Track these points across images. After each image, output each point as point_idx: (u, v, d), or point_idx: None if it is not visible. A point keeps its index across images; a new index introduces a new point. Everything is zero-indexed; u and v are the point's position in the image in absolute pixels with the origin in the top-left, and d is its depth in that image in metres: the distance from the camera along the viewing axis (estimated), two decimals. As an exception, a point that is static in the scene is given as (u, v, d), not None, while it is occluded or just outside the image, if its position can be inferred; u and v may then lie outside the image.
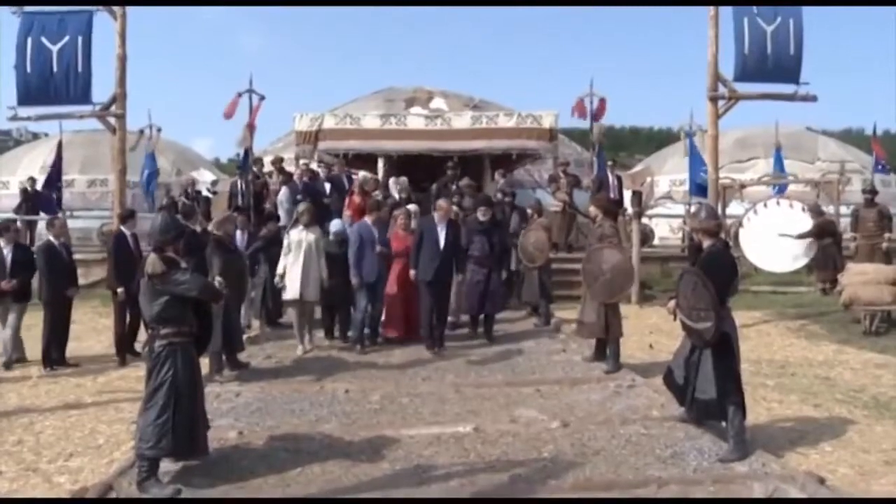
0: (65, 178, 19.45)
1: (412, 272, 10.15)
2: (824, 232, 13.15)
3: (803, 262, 12.56)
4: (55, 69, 12.80)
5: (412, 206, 12.16)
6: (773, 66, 13.57)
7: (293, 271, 9.98)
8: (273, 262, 10.70)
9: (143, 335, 7.53)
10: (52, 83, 12.83)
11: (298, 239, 10.07)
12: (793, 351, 10.12)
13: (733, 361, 6.05)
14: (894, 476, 5.56)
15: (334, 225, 10.89)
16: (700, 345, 6.11)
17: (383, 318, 10.76)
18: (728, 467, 5.63)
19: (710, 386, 6.02)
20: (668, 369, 6.74)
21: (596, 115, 19.13)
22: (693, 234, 6.71)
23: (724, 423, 6.08)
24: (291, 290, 10.01)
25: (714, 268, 6.04)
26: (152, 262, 5.43)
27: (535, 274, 11.98)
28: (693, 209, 10.12)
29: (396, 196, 13.88)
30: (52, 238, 9.93)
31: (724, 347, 5.99)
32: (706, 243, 6.27)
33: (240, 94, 15.96)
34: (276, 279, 10.20)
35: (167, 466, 5.55)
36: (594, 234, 9.22)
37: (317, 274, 10.07)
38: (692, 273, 6.14)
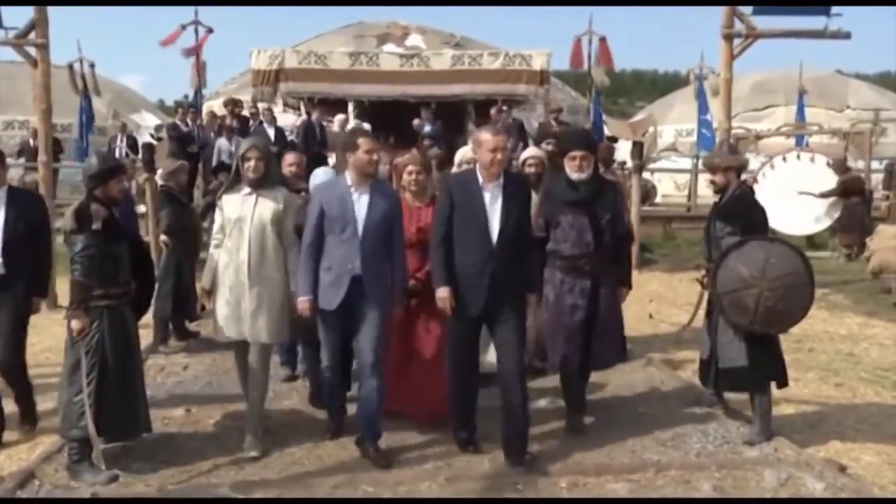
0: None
1: (442, 293, 5.35)
2: (850, 190, 13.21)
3: (826, 224, 12.65)
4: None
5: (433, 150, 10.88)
6: None
7: (226, 281, 5.64)
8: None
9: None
10: (-55, 0, 12.19)
11: (238, 215, 5.58)
12: (812, 323, 10.08)
13: None
14: (924, 464, 5.57)
15: (321, 174, 6.65)
16: (745, 320, 5.66)
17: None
18: (736, 451, 5.66)
19: (736, 352, 5.74)
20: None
21: (600, 61, 18.79)
22: (714, 173, 6.12)
23: (752, 398, 5.89)
24: (226, 321, 5.66)
25: (749, 209, 5.90)
26: (66, 217, 5.26)
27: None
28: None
29: None
30: None
31: None
32: (732, 185, 6.02)
33: (183, 27, 15.67)
34: (199, 294, 6.19)
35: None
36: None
37: (279, 285, 5.62)
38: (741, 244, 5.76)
